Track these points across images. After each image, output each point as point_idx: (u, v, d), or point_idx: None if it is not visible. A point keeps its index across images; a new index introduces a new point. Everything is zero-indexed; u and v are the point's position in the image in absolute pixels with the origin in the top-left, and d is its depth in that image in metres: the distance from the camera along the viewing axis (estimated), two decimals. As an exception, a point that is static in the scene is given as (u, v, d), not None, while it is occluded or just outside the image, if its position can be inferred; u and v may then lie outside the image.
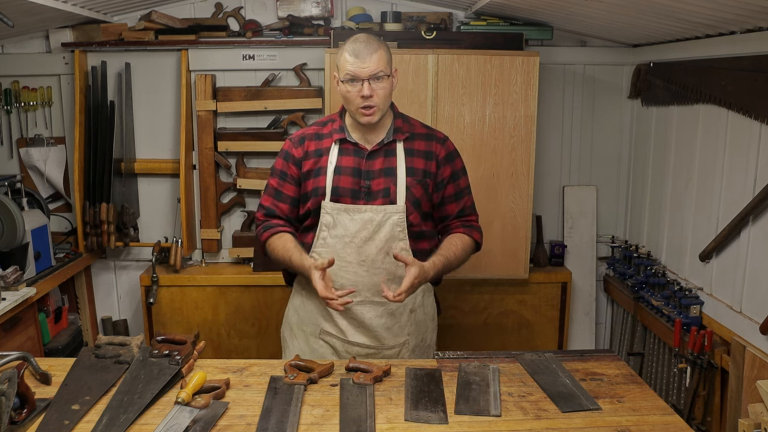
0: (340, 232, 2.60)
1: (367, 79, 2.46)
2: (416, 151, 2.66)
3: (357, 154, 2.62)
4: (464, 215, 2.78)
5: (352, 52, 2.47)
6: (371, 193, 2.59)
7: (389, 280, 2.57)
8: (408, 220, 2.61)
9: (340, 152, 2.63)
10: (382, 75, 2.49)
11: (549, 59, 4.21)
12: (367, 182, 2.60)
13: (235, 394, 2.14)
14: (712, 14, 2.79)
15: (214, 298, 4.16)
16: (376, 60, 2.47)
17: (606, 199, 4.47)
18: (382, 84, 2.50)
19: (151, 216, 4.42)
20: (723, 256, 3.25)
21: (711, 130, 3.35)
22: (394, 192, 2.60)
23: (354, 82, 2.48)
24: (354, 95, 2.50)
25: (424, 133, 2.71)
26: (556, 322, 4.30)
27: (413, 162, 2.64)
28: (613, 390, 2.22)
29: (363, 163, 2.60)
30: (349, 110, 2.58)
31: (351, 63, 2.47)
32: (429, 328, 2.84)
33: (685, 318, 3.36)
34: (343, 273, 2.61)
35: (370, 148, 2.62)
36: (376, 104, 2.51)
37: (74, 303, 4.36)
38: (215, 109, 4.18)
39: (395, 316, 2.68)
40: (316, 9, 4.14)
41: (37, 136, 4.25)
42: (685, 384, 3.32)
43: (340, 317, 2.67)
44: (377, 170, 2.61)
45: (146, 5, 4.06)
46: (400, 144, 2.64)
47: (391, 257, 2.55)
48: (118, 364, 2.25)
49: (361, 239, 2.59)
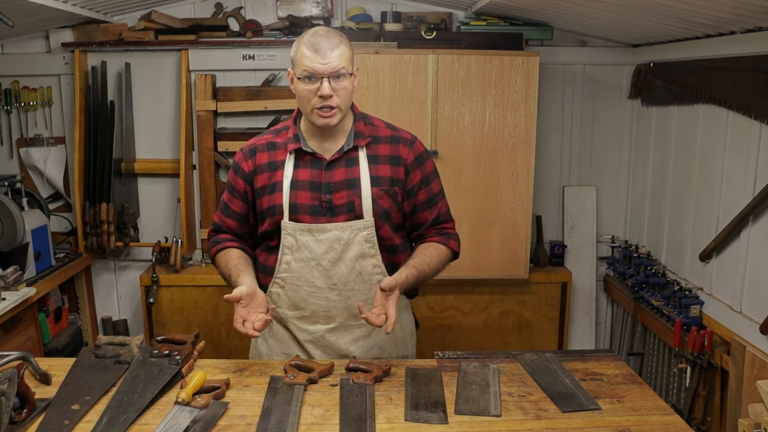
0: (305, 254, 2.33)
1: (327, 77, 2.17)
2: (381, 157, 2.37)
3: (315, 165, 2.33)
4: (439, 223, 2.48)
5: (311, 46, 2.17)
6: (333, 209, 2.32)
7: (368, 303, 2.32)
8: (378, 234, 2.35)
9: (296, 164, 2.34)
10: (343, 73, 2.20)
11: (549, 59, 4.22)
12: (328, 196, 2.31)
13: (235, 394, 2.14)
14: (712, 14, 2.79)
15: (214, 298, 4.16)
16: (337, 56, 2.17)
17: (606, 199, 4.48)
18: (344, 83, 2.21)
19: (151, 216, 4.42)
20: (723, 256, 3.25)
21: (711, 130, 3.35)
22: (359, 205, 2.31)
23: (312, 80, 2.18)
24: (310, 94, 2.20)
25: (388, 136, 2.41)
26: (556, 322, 4.30)
27: (378, 170, 2.35)
28: (613, 390, 2.22)
29: (322, 174, 2.32)
30: (305, 111, 2.28)
31: (309, 58, 2.16)
32: (408, 344, 2.61)
33: (685, 318, 3.36)
34: (314, 299, 2.38)
35: (328, 157, 2.33)
36: (337, 105, 2.22)
37: (74, 303, 4.36)
38: (215, 109, 4.18)
39: (372, 337, 2.46)
40: (316, 9, 4.14)
41: (37, 136, 4.25)
42: (685, 384, 3.32)
43: (313, 347, 2.45)
44: (338, 182, 2.32)
45: (146, 5, 4.06)
46: (362, 150, 2.35)
47: (364, 276, 2.36)
48: (118, 364, 2.25)
49: (328, 261, 2.33)
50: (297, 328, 2.45)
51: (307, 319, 2.43)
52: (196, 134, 4.22)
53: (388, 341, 2.49)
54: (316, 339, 2.44)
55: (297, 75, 2.22)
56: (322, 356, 2.45)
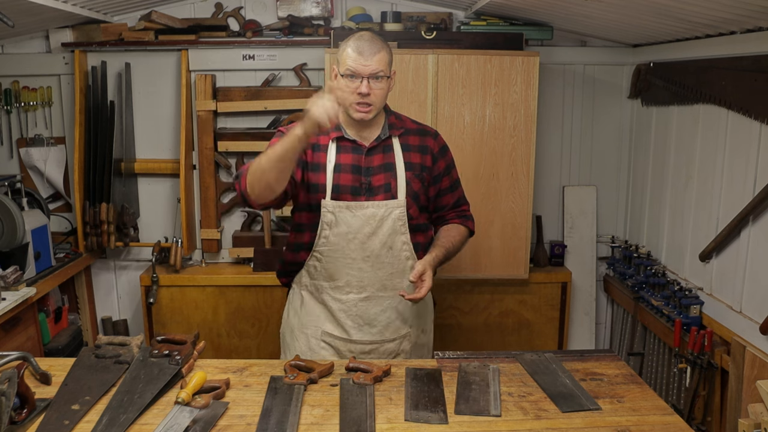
0: (342, 229, 2.59)
1: (366, 77, 2.46)
2: (411, 146, 2.68)
3: (356, 151, 2.61)
4: (459, 205, 2.84)
5: (356, 49, 2.46)
6: (372, 189, 2.60)
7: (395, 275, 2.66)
8: (408, 214, 2.63)
9: (338, 149, 2.61)
10: (381, 75, 2.49)
11: (549, 59, 4.21)
12: (368, 178, 2.60)
13: (235, 394, 2.14)
14: (712, 14, 2.79)
15: (214, 298, 4.16)
16: (378, 60, 2.46)
17: (606, 199, 4.47)
18: (381, 84, 2.50)
19: (151, 216, 4.42)
20: (723, 256, 3.25)
21: (711, 130, 3.35)
22: (395, 187, 2.61)
23: (353, 78, 2.47)
24: (351, 91, 2.48)
25: (416, 129, 2.74)
26: (556, 322, 4.30)
27: (410, 157, 2.66)
28: (613, 390, 2.22)
29: (362, 159, 2.60)
30: (344, 105, 2.51)
31: (353, 59, 2.46)
32: (428, 318, 2.88)
33: (685, 318, 3.36)
34: (348, 270, 2.63)
35: (368, 144, 2.62)
36: (373, 103, 2.51)
37: (74, 303, 4.36)
38: (215, 109, 4.18)
39: (398, 309, 2.70)
40: (316, 9, 4.14)
41: (37, 136, 4.25)
42: (685, 384, 3.32)
43: (344, 315, 2.67)
44: (376, 166, 2.61)
45: (146, 5, 4.06)
46: (396, 140, 2.66)
47: (395, 251, 2.63)
48: (118, 364, 2.25)
49: (364, 235, 2.59)
50: (331, 298, 2.68)
51: (341, 289, 2.66)
52: (196, 134, 4.21)
53: (412, 313, 2.75)
54: (348, 308, 2.67)
55: (340, 72, 2.51)
56: (353, 325, 2.68)
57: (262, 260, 4.18)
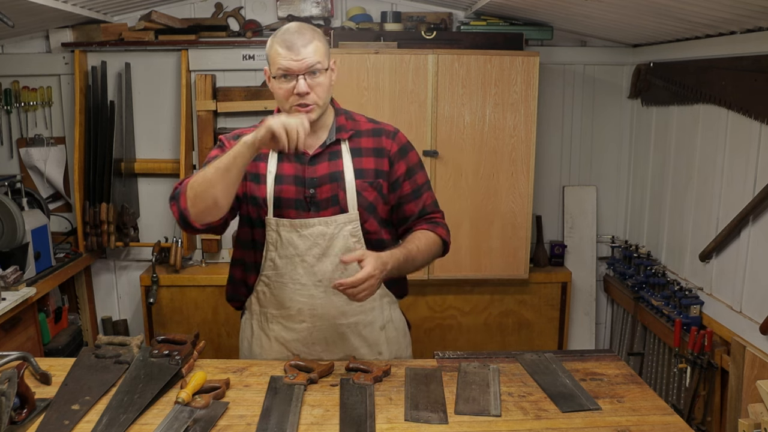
0: (289, 251, 2.30)
1: (302, 74, 2.14)
2: (364, 150, 2.35)
3: (298, 160, 2.30)
4: (426, 214, 2.43)
5: (284, 44, 2.15)
6: (317, 203, 2.28)
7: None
8: (364, 228, 2.32)
9: (279, 158, 2.31)
10: (319, 68, 2.17)
11: (549, 59, 4.22)
12: (312, 191, 2.28)
13: (235, 394, 2.14)
14: (712, 14, 2.79)
15: (214, 298, 4.16)
16: (311, 51, 2.14)
17: (606, 199, 4.48)
18: (320, 79, 2.18)
19: (151, 216, 4.42)
20: (723, 256, 3.25)
21: (711, 130, 3.35)
22: (343, 198, 2.29)
23: (288, 78, 2.16)
24: (288, 92, 2.17)
25: (370, 129, 2.39)
26: (556, 322, 4.30)
27: (361, 162, 2.33)
28: (613, 390, 2.22)
29: (306, 169, 2.29)
30: (283, 109, 2.24)
31: (283, 56, 2.14)
32: (402, 344, 2.54)
33: (685, 318, 3.36)
34: (298, 297, 2.33)
35: (311, 152, 2.30)
36: (314, 102, 2.19)
37: (74, 303, 4.36)
38: (215, 109, 4.18)
39: (363, 335, 2.43)
40: (316, 9, 4.14)
41: (37, 136, 4.25)
42: (685, 384, 3.32)
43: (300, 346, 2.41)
44: (321, 176, 2.29)
45: (146, 5, 4.06)
46: (345, 144, 2.33)
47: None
48: (118, 364, 2.25)
49: (313, 257, 2.29)
50: (283, 327, 2.41)
51: (292, 318, 2.38)
52: (196, 134, 4.22)
53: (380, 339, 2.45)
54: (303, 337, 2.39)
55: (272, 74, 2.20)
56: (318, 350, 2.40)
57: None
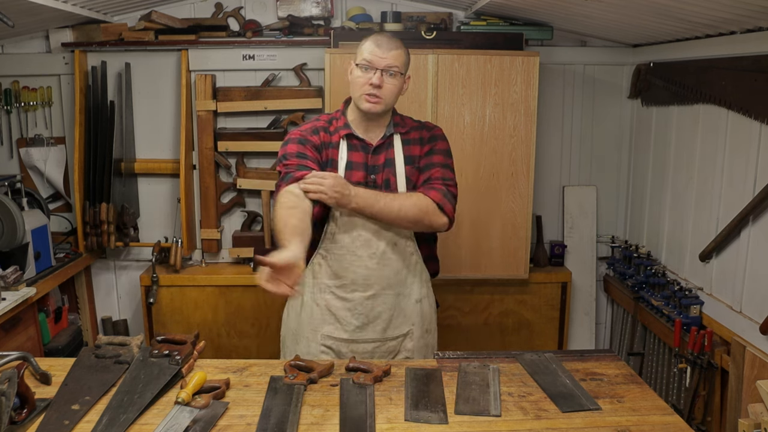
0: (349, 226, 2.60)
1: (381, 70, 2.51)
2: (412, 140, 2.71)
3: (364, 150, 2.65)
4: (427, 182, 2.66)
5: (374, 42, 2.54)
6: (377, 187, 2.61)
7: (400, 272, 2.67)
8: None
9: (349, 147, 2.65)
10: (395, 71, 2.54)
11: (549, 59, 4.22)
12: (373, 176, 2.63)
13: (235, 394, 2.15)
14: (712, 14, 2.79)
15: (214, 298, 4.16)
16: (394, 55, 2.53)
17: (606, 199, 4.48)
18: (393, 80, 2.55)
19: (151, 216, 4.42)
20: (723, 256, 3.25)
21: (711, 130, 3.35)
22: (393, 183, 2.64)
23: (368, 70, 2.53)
24: (363, 81, 2.53)
25: (416, 125, 2.77)
26: (556, 322, 4.30)
27: (410, 150, 2.69)
28: (613, 390, 2.22)
29: (369, 158, 2.65)
30: (354, 96, 2.60)
31: (369, 51, 2.53)
32: (432, 318, 2.85)
33: (685, 318, 3.36)
34: (355, 268, 2.62)
35: (374, 143, 2.66)
36: (383, 96, 2.54)
37: (74, 303, 4.36)
38: (215, 109, 4.18)
39: (401, 306, 2.70)
40: (316, 9, 4.14)
41: (37, 136, 4.25)
42: (685, 384, 3.33)
43: (348, 314, 2.65)
44: (380, 164, 2.65)
45: (146, 5, 4.06)
46: (398, 136, 2.69)
47: (399, 248, 2.64)
48: (118, 364, 2.25)
49: (369, 232, 2.60)
50: (335, 297, 2.66)
51: (345, 287, 2.64)
52: (196, 134, 4.22)
53: (415, 311, 2.74)
54: (353, 306, 2.65)
55: (356, 62, 2.56)
56: (356, 324, 2.65)
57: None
